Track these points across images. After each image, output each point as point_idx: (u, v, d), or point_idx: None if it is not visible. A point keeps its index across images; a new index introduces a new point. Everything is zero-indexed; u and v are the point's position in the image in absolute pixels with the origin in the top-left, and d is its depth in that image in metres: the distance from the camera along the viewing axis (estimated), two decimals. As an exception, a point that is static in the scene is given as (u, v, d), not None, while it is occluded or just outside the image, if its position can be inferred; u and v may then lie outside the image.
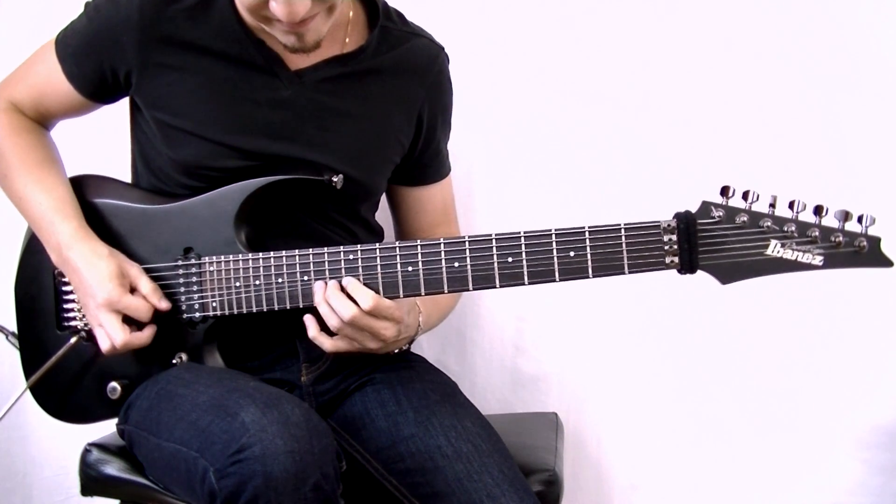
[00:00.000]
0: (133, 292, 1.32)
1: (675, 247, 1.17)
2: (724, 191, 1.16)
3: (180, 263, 1.34)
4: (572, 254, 1.19)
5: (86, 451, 1.42)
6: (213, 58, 1.33)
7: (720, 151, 1.72)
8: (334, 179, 1.34)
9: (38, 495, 2.01)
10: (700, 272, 1.17)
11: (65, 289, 1.41)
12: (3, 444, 1.98)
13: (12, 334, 1.46)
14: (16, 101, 1.44)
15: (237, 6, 1.30)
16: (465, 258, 1.23)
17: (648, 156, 1.76)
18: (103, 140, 1.66)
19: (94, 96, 1.41)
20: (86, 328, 1.38)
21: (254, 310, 1.31)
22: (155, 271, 1.35)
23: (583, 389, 1.87)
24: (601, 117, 1.78)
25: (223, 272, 1.32)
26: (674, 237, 1.17)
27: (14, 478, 2.00)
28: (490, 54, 1.81)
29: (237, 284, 1.32)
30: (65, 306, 1.41)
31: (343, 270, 1.27)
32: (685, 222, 1.16)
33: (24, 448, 1.99)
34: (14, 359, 1.45)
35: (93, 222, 1.37)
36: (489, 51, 1.81)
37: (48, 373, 1.38)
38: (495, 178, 1.85)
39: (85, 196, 1.40)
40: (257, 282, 1.30)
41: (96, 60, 1.36)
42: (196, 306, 1.34)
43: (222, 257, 1.32)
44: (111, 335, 1.30)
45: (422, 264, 1.25)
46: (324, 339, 1.29)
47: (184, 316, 1.34)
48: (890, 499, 1.75)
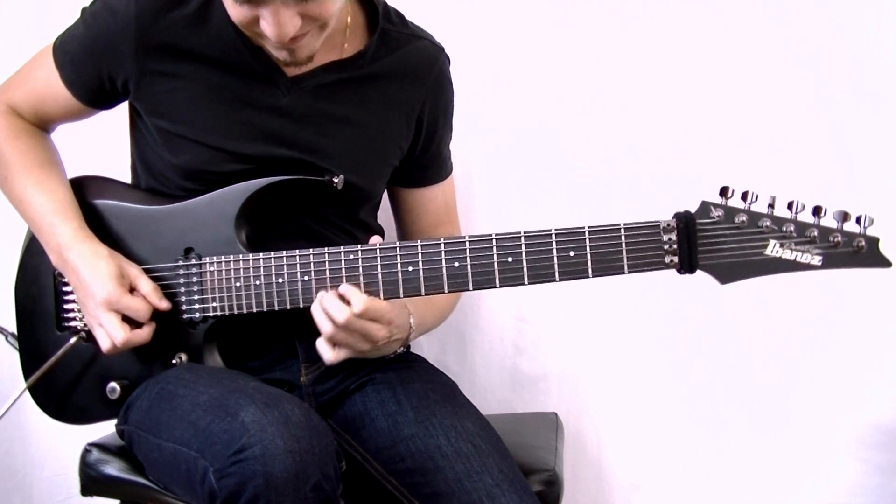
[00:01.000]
0: (132, 293, 1.32)
1: (675, 246, 1.17)
2: (724, 191, 1.16)
3: (181, 264, 1.34)
4: (572, 254, 1.19)
5: (86, 451, 1.42)
6: (211, 65, 1.33)
7: (719, 152, 1.72)
8: (335, 180, 1.34)
9: (38, 495, 2.01)
10: (699, 272, 1.17)
11: (65, 290, 1.41)
12: (3, 444, 1.98)
13: (12, 335, 1.46)
14: (15, 105, 1.44)
15: None
16: (466, 258, 1.23)
17: (648, 156, 1.76)
18: (102, 142, 1.66)
19: (92, 102, 1.41)
20: (85, 328, 1.38)
21: (254, 310, 1.31)
22: (155, 272, 1.35)
23: (583, 389, 1.87)
24: (601, 117, 1.79)
25: (223, 272, 1.32)
26: (673, 237, 1.17)
27: (14, 478, 2.00)
28: (490, 54, 1.81)
29: (237, 285, 1.32)
30: (65, 307, 1.41)
31: (343, 270, 1.26)
32: (684, 222, 1.17)
33: (24, 448, 1.98)
34: (14, 359, 1.45)
35: (93, 223, 1.37)
36: (489, 50, 1.80)
37: (47, 373, 1.38)
38: (495, 178, 1.85)
39: (85, 197, 1.40)
40: (257, 282, 1.31)
41: (94, 68, 1.36)
42: (196, 306, 1.34)
43: (223, 258, 1.32)
44: (111, 334, 1.30)
45: (422, 264, 1.24)
46: (324, 350, 1.26)
47: (184, 316, 1.34)
48: (889, 499, 1.75)
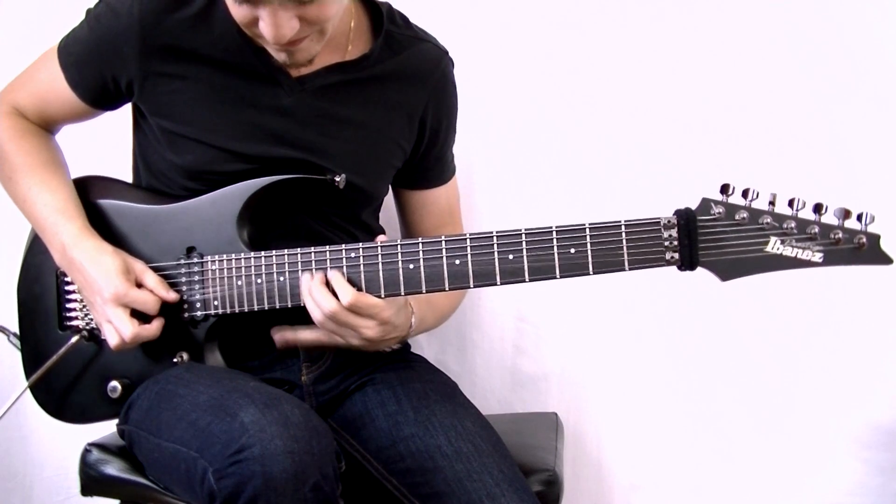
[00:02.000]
0: (139, 287, 1.32)
1: (676, 243, 1.17)
2: (725, 188, 1.16)
3: (183, 262, 1.34)
4: (573, 251, 1.19)
5: (86, 451, 1.42)
6: (214, 66, 1.33)
7: (720, 149, 1.72)
8: (337, 179, 1.34)
9: (38, 495, 2.00)
10: (700, 269, 1.17)
11: (67, 289, 1.41)
12: (3, 444, 1.98)
13: (14, 335, 1.46)
14: (19, 106, 1.45)
15: None
16: (466, 255, 1.23)
17: (649, 153, 1.76)
18: (104, 141, 1.66)
19: (96, 103, 1.42)
20: (87, 328, 1.39)
21: (255, 307, 1.31)
22: (158, 270, 1.35)
23: (583, 389, 1.86)
24: (601, 115, 1.79)
25: (225, 271, 1.32)
26: (674, 233, 1.17)
27: (14, 478, 2.00)
28: (490, 54, 1.81)
29: (239, 283, 1.32)
30: (67, 306, 1.41)
31: (345, 269, 1.26)
32: (685, 219, 1.17)
33: (24, 448, 1.98)
34: (14, 359, 1.45)
35: (96, 222, 1.37)
36: (491, 49, 1.81)
37: (48, 372, 1.38)
38: (496, 176, 1.85)
39: (88, 197, 1.40)
40: (259, 280, 1.31)
41: (98, 70, 1.36)
42: (198, 305, 1.34)
43: (224, 256, 1.32)
44: (120, 329, 1.29)
45: (423, 261, 1.25)
46: (301, 332, 1.32)
47: (186, 314, 1.34)
48: (890, 499, 1.75)
